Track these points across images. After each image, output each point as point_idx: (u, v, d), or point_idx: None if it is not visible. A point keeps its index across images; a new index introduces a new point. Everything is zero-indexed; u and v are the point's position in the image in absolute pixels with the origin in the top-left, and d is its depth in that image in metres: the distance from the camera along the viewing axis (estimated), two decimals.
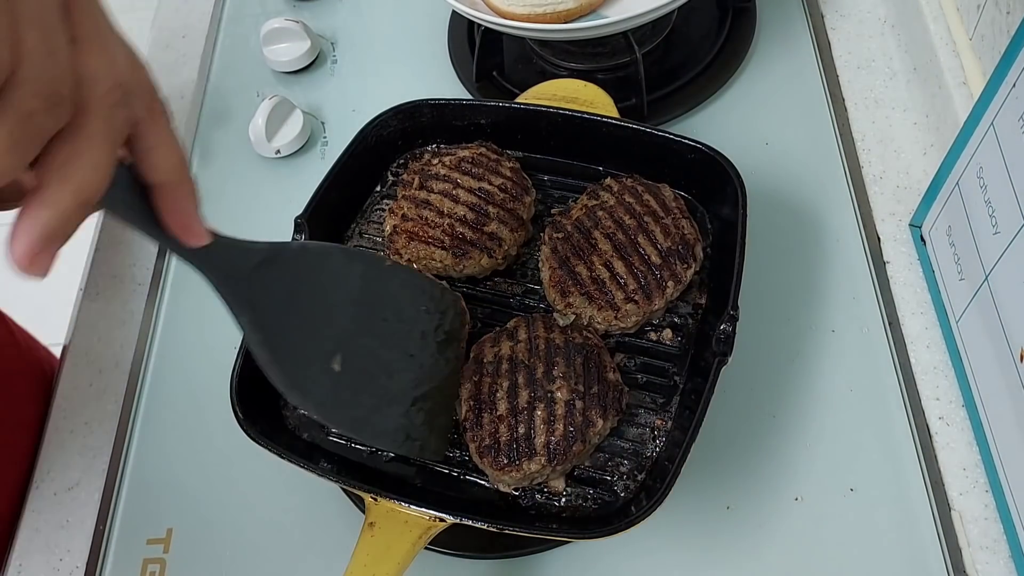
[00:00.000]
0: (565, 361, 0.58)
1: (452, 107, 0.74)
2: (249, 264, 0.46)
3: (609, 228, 0.64)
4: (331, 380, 0.51)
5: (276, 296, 0.48)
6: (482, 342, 0.61)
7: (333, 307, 0.52)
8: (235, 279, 0.45)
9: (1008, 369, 0.57)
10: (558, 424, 0.56)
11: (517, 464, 0.55)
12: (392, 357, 0.56)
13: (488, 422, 0.57)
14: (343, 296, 0.53)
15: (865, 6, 0.90)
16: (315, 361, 0.51)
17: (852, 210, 0.76)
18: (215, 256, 0.44)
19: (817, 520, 0.62)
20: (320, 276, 0.51)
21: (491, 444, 0.56)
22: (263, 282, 0.47)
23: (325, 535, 0.65)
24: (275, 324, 0.48)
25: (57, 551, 0.68)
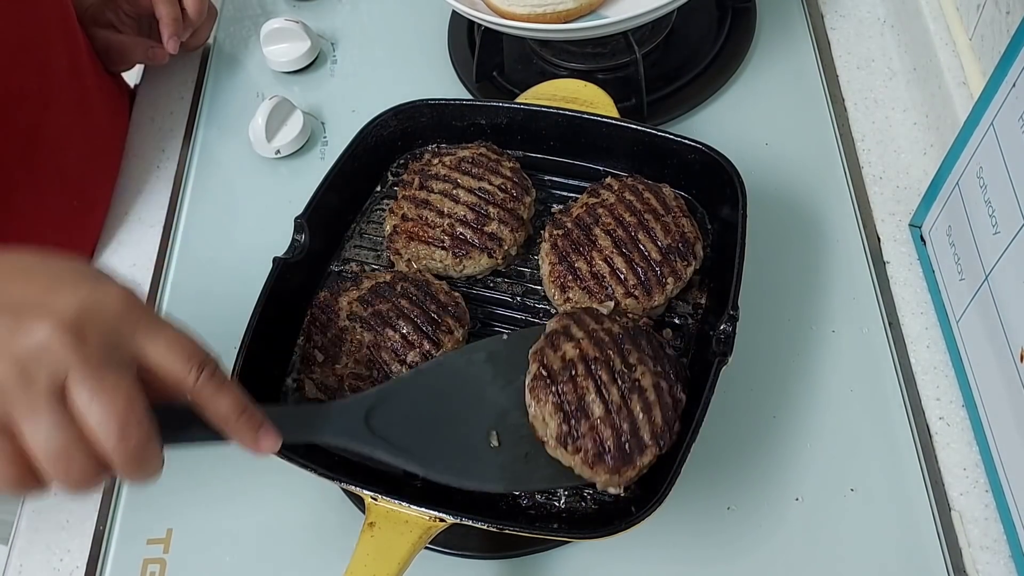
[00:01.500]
0: (635, 347, 0.57)
1: (452, 107, 0.74)
2: (358, 417, 0.53)
3: (609, 225, 0.64)
4: (498, 456, 0.55)
5: (406, 423, 0.54)
6: (540, 351, 0.58)
7: (471, 399, 0.56)
8: (353, 435, 0.52)
9: (1008, 369, 0.57)
10: (655, 410, 0.55)
11: (632, 462, 0.54)
12: None
13: (588, 429, 0.54)
14: (476, 385, 0.57)
15: (865, 6, 0.90)
16: (475, 449, 0.54)
17: (852, 210, 0.76)
18: (328, 427, 0.52)
19: (817, 520, 0.62)
20: (442, 383, 0.56)
21: (600, 450, 0.53)
22: (385, 421, 0.53)
23: (325, 535, 0.65)
24: (419, 443, 0.54)
25: (57, 551, 0.68)
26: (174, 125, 0.93)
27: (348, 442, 0.52)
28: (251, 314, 0.63)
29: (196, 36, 0.90)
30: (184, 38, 0.87)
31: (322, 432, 0.52)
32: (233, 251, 0.81)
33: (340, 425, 0.52)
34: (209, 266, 0.81)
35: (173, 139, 0.91)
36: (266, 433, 0.49)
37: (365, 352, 0.61)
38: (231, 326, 0.63)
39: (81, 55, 0.82)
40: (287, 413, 0.52)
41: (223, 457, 0.69)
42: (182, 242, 0.83)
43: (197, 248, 0.83)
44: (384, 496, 0.54)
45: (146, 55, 0.88)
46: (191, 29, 0.88)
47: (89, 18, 0.87)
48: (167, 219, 0.85)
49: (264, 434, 0.49)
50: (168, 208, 0.86)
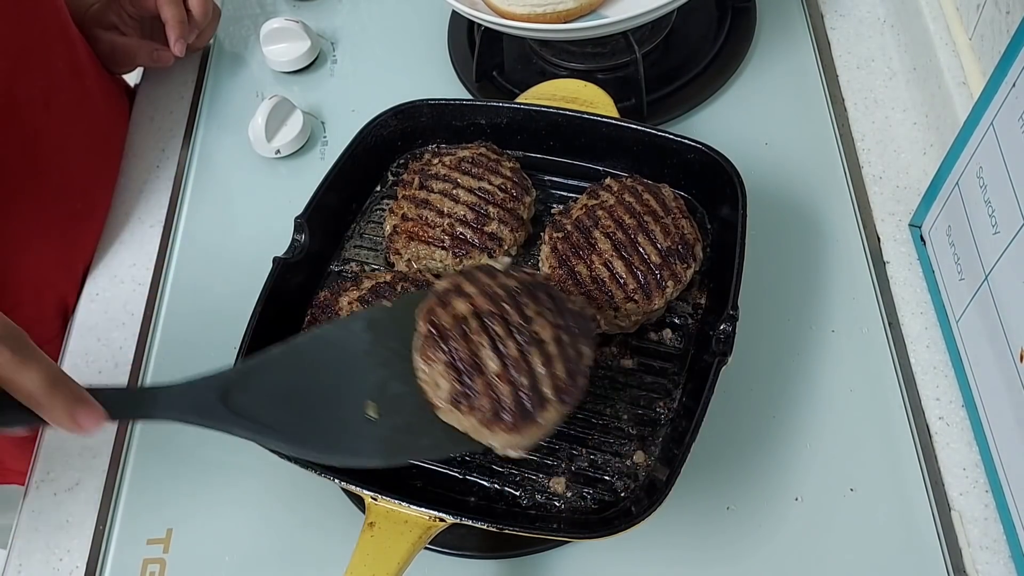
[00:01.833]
0: (533, 300, 0.53)
1: (452, 107, 0.74)
2: (212, 397, 0.50)
3: (609, 227, 0.64)
4: (376, 429, 0.52)
5: (269, 401, 0.51)
6: (428, 310, 0.53)
7: (346, 370, 0.53)
8: (204, 414, 0.49)
9: (1008, 369, 0.57)
10: (557, 364, 0.51)
11: (533, 418, 0.50)
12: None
13: (484, 387, 0.50)
14: (353, 356, 0.54)
15: (865, 6, 0.90)
16: (351, 423, 0.52)
17: (852, 210, 0.76)
18: (170, 406, 0.49)
19: (817, 520, 0.62)
20: (317, 356, 0.53)
21: (497, 408, 0.50)
22: (245, 399, 0.50)
23: (325, 535, 0.65)
24: (286, 420, 0.51)
25: (57, 551, 0.68)
26: (174, 125, 0.93)
27: (200, 422, 0.49)
28: (251, 314, 0.63)
29: (200, 37, 0.90)
30: (190, 40, 0.87)
31: (164, 410, 0.49)
32: (233, 251, 0.81)
33: (186, 404, 0.49)
34: (209, 266, 0.81)
35: (173, 139, 0.91)
36: (85, 409, 0.45)
37: None
38: (231, 326, 0.63)
39: (79, 57, 0.82)
40: (120, 392, 0.49)
41: (223, 457, 0.69)
42: (182, 242, 0.83)
43: (197, 248, 0.83)
44: (384, 496, 0.54)
45: (151, 58, 0.88)
46: (196, 31, 0.88)
47: (92, 20, 0.87)
48: (167, 219, 0.85)
49: (83, 410, 0.45)
50: (168, 208, 0.86)
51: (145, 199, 0.87)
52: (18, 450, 0.84)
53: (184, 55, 0.87)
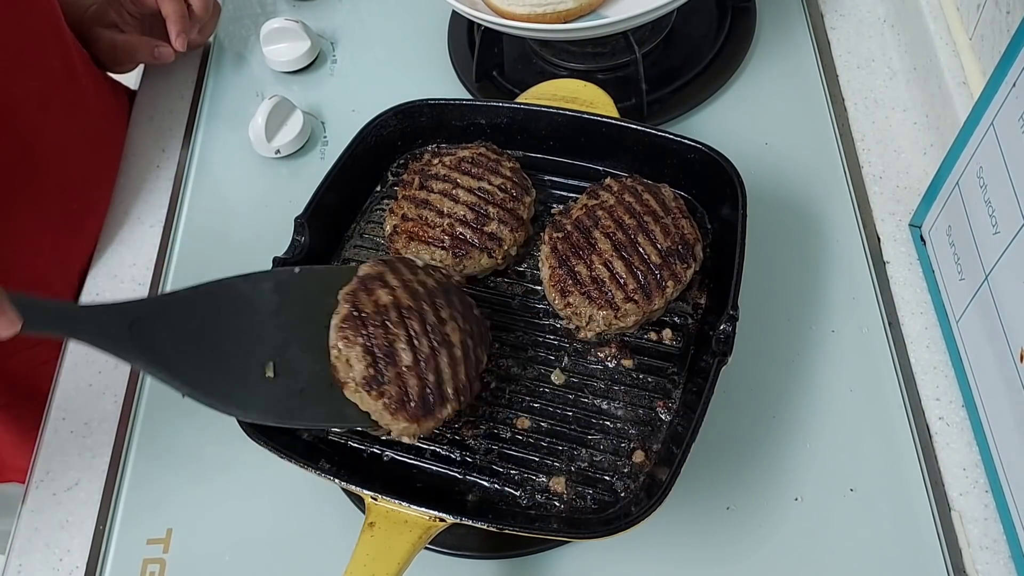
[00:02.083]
0: (448, 303, 0.58)
1: (452, 107, 0.74)
2: (121, 322, 0.50)
3: (609, 228, 0.64)
4: (271, 388, 0.53)
5: (175, 337, 0.51)
6: (353, 293, 0.57)
7: (251, 326, 0.55)
8: (108, 337, 0.49)
9: (1008, 369, 0.57)
10: (460, 367, 0.56)
11: (433, 413, 0.55)
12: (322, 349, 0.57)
13: (395, 376, 0.54)
14: (259, 313, 0.55)
15: (865, 6, 0.90)
16: (245, 377, 0.53)
17: (852, 210, 0.76)
18: (78, 324, 0.49)
19: (817, 520, 0.62)
20: (226, 305, 0.55)
21: (404, 398, 0.54)
22: (151, 331, 0.51)
23: (325, 535, 0.65)
24: (184, 360, 0.51)
25: (57, 551, 0.68)
26: (174, 125, 0.93)
27: (105, 344, 0.49)
28: None
29: (201, 32, 0.91)
30: (191, 35, 0.87)
31: (75, 328, 0.49)
32: (233, 251, 0.81)
33: (96, 325, 0.49)
34: (209, 266, 0.80)
35: (173, 139, 0.91)
36: (2, 314, 0.44)
37: None
38: None
39: (73, 57, 0.82)
40: (38, 302, 0.48)
41: (223, 457, 0.69)
42: (182, 242, 0.83)
43: (197, 248, 0.83)
44: (384, 496, 0.54)
45: (152, 54, 0.88)
46: (198, 26, 0.88)
47: (91, 18, 0.87)
48: (167, 219, 0.85)
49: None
50: (168, 208, 0.86)
51: (145, 199, 0.87)
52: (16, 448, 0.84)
53: (185, 50, 0.87)
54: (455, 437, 0.61)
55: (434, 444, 0.61)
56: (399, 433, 0.55)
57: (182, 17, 0.86)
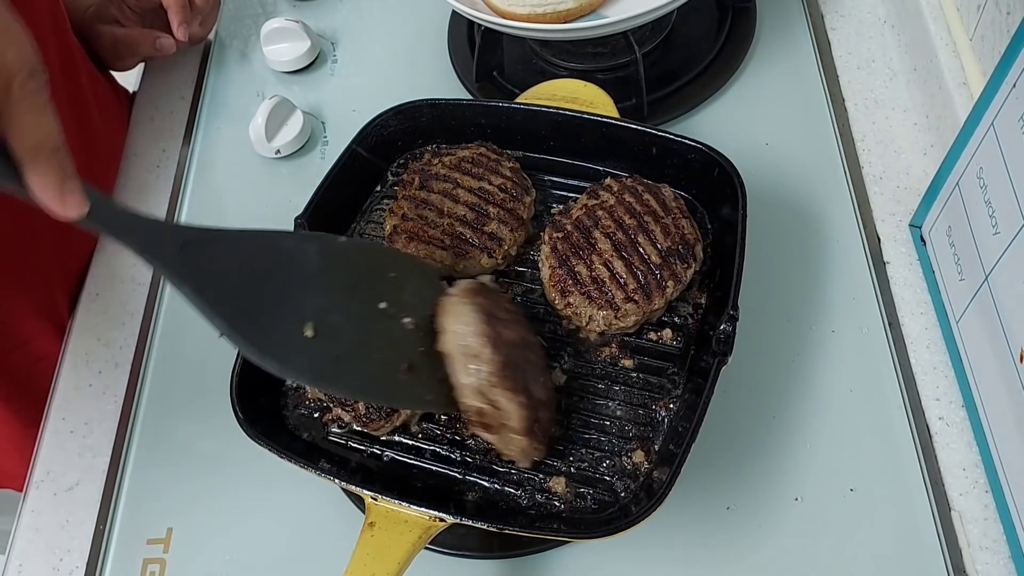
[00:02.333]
0: (533, 342, 0.61)
1: (452, 107, 0.74)
2: (174, 241, 0.48)
3: (609, 228, 0.64)
4: (309, 347, 0.52)
5: (221, 273, 0.50)
6: (487, 335, 0.57)
7: (294, 282, 0.53)
8: (159, 252, 0.47)
9: (1008, 369, 0.57)
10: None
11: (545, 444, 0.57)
12: (371, 323, 0.56)
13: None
14: (302, 273, 0.54)
15: (865, 6, 0.90)
16: (285, 331, 0.52)
17: (852, 210, 0.76)
18: (134, 230, 0.47)
19: (817, 520, 0.62)
20: (270, 256, 0.53)
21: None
22: (200, 258, 0.49)
23: (325, 535, 0.65)
24: (228, 298, 0.49)
25: (57, 551, 0.68)
26: (174, 125, 0.93)
27: (155, 262, 0.48)
28: None
29: (202, 25, 0.91)
30: (193, 27, 0.88)
31: (131, 235, 0.47)
32: None
33: (151, 239, 0.47)
34: None
35: (173, 139, 0.91)
36: (73, 190, 0.41)
37: None
38: None
39: (73, 55, 0.82)
40: (105, 198, 0.46)
41: (223, 457, 0.69)
42: None
43: None
44: (384, 496, 0.54)
45: (154, 46, 0.88)
46: (199, 16, 0.89)
47: (92, 15, 0.87)
48: (167, 219, 0.85)
49: (71, 190, 0.41)
50: (168, 208, 0.86)
51: (145, 199, 0.87)
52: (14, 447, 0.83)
53: (187, 40, 0.88)
54: (455, 437, 0.61)
55: (434, 444, 0.61)
56: (519, 454, 0.57)
57: (183, 7, 0.86)
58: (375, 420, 0.59)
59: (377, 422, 0.60)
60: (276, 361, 0.50)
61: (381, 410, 0.59)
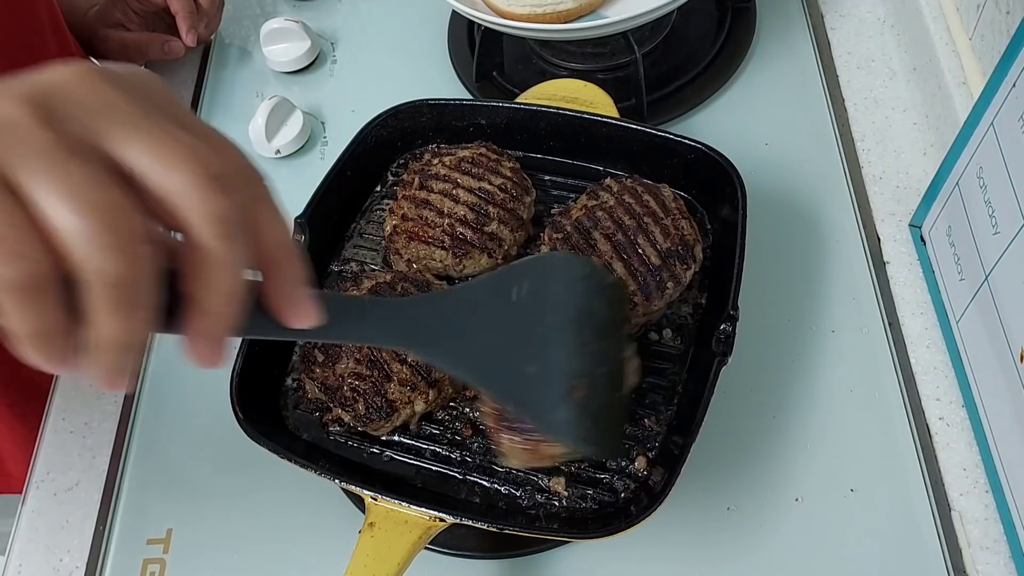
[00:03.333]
0: None
1: (452, 107, 0.74)
2: (421, 319, 0.45)
3: (608, 228, 0.64)
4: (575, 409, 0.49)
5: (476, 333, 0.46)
6: None
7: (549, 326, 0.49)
8: (415, 338, 0.44)
9: (1008, 369, 0.57)
10: None
11: None
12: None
13: None
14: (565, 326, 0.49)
15: (865, 6, 0.90)
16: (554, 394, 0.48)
17: (852, 210, 0.76)
18: (387, 323, 0.42)
19: (817, 520, 0.62)
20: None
21: None
22: (467, 325, 0.45)
23: (325, 535, 0.65)
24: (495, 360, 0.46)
25: (57, 551, 0.68)
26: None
27: (420, 351, 0.46)
28: None
29: (208, 27, 0.92)
30: (200, 29, 0.88)
31: (374, 327, 0.42)
32: None
33: (400, 324, 0.43)
34: None
35: None
36: (308, 301, 0.36)
37: (366, 352, 0.61)
38: None
39: (73, 56, 0.82)
40: (335, 296, 0.42)
41: (223, 457, 0.69)
42: None
43: None
44: (384, 496, 0.54)
45: (162, 50, 0.89)
46: (206, 19, 0.89)
47: (95, 21, 0.87)
48: None
49: (305, 300, 0.36)
50: None
51: None
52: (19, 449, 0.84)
53: (195, 45, 0.88)
54: (455, 437, 0.61)
55: (434, 444, 0.61)
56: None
57: (191, 12, 0.87)
58: (375, 420, 0.59)
59: (377, 422, 0.60)
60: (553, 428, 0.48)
61: (381, 410, 0.59)
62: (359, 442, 0.62)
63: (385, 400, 0.59)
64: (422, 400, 0.60)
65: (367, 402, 0.59)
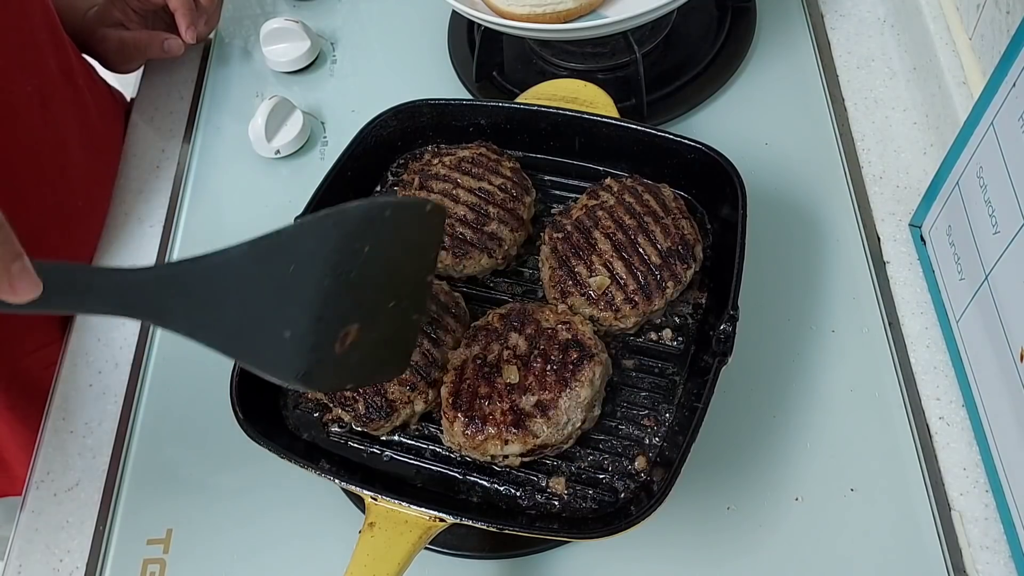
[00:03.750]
0: None
1: (452, 107, 0.74)
2: (146, 287, 0.44)
3: (609, 228, 0.64)
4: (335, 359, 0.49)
5: (210, 299, 0.46)
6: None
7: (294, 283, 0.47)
8: (134, 305, 0.43)
9: (1008, 369, 0.57)
10: None
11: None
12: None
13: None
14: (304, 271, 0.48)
15: (865, 6, 0.90)
16: (321, 345, 0.48)
17: (852, 210, 0.76)
18: (99, 292, 0.42)
19: (817, 520, 0.62)
20: (262, 266, 0.48)
21: None
22: (183, 293, 0.45)
23: (325, 535, 0.65)
24: (222, 322, 0.46)
25: (57, 551, 0.68)
26: (174, 125, 0.93)
27: (132, 316, 0.45)
28: None
29: (207, 24, 0.92)
30: (200, 27, 0.88)
31: (97, 300, 0.42)
32: None
33: (119, 298, 0.43)
34: None
35: (173, 139, 0.91)
36: (24, 272, 0.37)
37: None
38: None
39: (70, 58, 0.82)
40: (55, 267, 0.40)
41: (223, 457, 0.69)
42: (182, 242, 0.83)
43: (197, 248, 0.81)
44: (384, 496, 0.54)
45: (162, 48, 0.89)
46: (205, 16, 0.89)
47: (94, 21, 0.87)
48: (167, 219, 0.85)
49: (21, 272, 0.37)
50: (168, 208, 0.86)
51: (145, 199, 0.87)
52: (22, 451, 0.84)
53: (195, 42, 0.88)
54: None
55: (434, 444, 0.61)
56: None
57: (190, 10, 0.87)
58: (375, 420, 0.60)
59: (377, 422, 0.60)
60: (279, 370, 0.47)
61: (381, 410, 0.59)
62: (359, 442, 0.62)
63: (385, 400, 0.59)
64: (422, 400, 0.60)
65: (367, 402, 0.60)
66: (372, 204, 0.50)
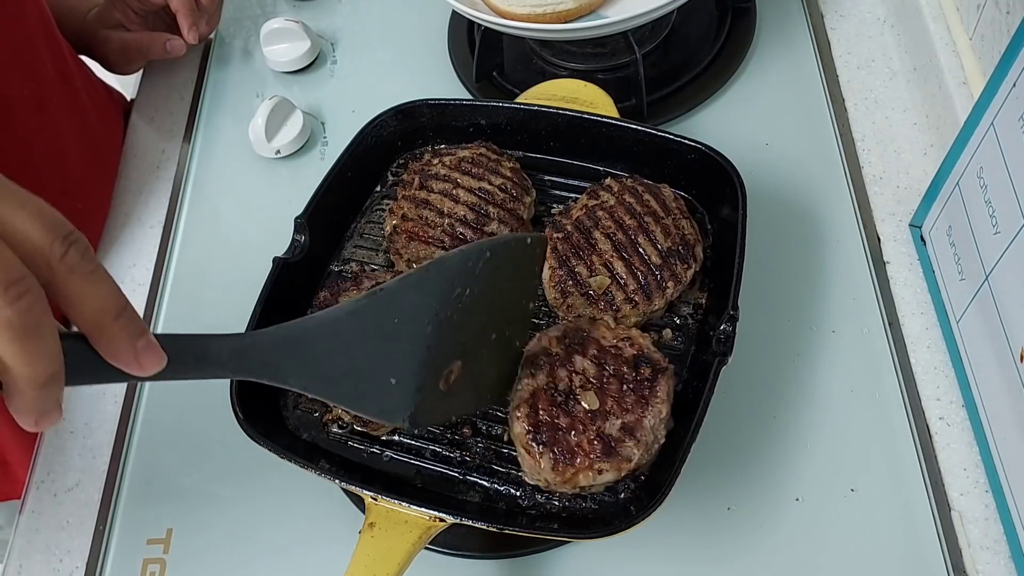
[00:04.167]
0: None
1: (452, 107, 0.74)
2: (260, 350, 0.45)
3: (609, 228, 0.64)
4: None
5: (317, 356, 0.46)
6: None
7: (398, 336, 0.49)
8: (251, 368, 0.44)
9: (1008, 369, 0.57)
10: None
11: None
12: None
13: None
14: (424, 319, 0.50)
15: (865, 6, 0.90)
16: (426, 385, 0.51)
17: (852, 210, 0.76)
18: (218, 360, 0.43)
19: (817, 520, 0.62)
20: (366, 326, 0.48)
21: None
22: (293, 354, 0.45)
23: (325, 535, 0.65)
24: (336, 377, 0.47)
25: (57, 551, 0.68)
26: (174, 125, 0.93)
27: (251, 378, 0.45)
28: (251, 315, 0.63)
29: (208, 23, 0.92)
30: (201, 27, 0.88)
31: (215, 367, 0.43)
32: (233, 251, 0.81)
33: (236, 361, 0.44)
34: (209, 266, 0.81)
35: (173, 139, 0.91)
36: (149, 347, 0.38)
37: None
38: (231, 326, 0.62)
39: (66, 59, 0.82)
40: (171, 339, 0.41)
41: (223, 457, 0.69)
42: (182, 242, 0.83)
43: (197, 248, 0.83)
44: (384, 496, 0.54)
45: (164, 48, 0.89)
46: (206, 16, 0.89)
47: (95, 23, 0.87)
48: (167, 219, 0.85)
49: (147, 347, 0.38)
50: (168, 208, 0.86)
51: (145, 200, 0.87)
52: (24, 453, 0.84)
53: (196, 42, 0.88)
54: (455, 437, 0.61)
55: (434, 444, 0.61)
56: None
57: (192, 10, 0.87)
58: (375, 420, 0.59)
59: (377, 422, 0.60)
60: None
61: None
62: (359, 442, 0.62)
63: None
64: None
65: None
66: (471, 250, 0.52)
